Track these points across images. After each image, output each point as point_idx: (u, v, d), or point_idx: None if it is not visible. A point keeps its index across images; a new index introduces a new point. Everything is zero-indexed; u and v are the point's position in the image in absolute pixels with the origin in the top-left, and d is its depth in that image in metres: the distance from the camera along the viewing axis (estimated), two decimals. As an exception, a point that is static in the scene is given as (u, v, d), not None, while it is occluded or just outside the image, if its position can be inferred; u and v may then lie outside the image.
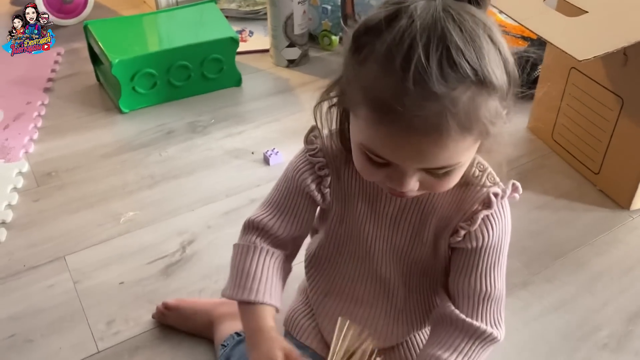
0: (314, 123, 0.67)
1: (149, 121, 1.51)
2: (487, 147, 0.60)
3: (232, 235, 0.75)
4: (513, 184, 0.66)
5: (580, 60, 0.98)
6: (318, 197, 0.70)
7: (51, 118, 1.52)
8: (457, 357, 0.67)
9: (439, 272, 0.73)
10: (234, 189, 1.28)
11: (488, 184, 0.66)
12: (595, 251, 1.15)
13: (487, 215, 0.65)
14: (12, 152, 1.38)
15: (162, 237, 1.16)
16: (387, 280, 0.75)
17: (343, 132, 0.66)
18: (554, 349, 0.96)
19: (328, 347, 0.79)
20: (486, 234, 0.66)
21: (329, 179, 0.69)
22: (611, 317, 1.02)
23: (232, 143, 1.44)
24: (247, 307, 0.69)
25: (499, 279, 0.69)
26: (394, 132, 0.52)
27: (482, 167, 0.66)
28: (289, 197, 0.72)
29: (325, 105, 0.64)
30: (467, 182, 0.66)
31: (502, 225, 0.67)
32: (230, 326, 0.88)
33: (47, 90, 1.63)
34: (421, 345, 0.81)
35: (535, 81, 1.41)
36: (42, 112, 1.53)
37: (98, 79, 1.66)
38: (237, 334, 0.86)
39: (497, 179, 0.67)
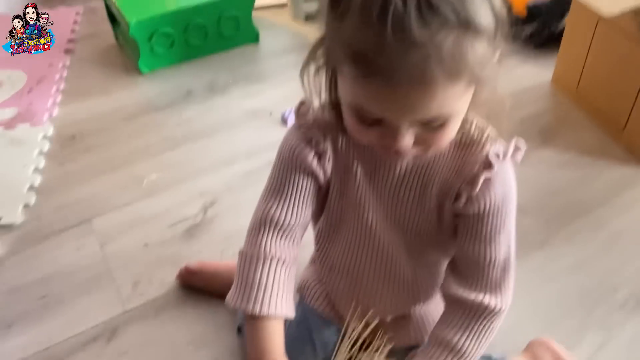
0: (303, 94, 0.63)
1: (168, 82, 1.52)
2: (482, 99, 0.57)
3: (253, 197, 0.70)
4: (515, 144, 0.63)
5: (606, 16, 0.95)
6: (320, 173, 0.67)
7: (73, 80, 1.54)
8: (466, 335, 0.67)
9: (444, 244, 0.72)
10: (253, 150, 1.29)
11: (488, 144, 0.63)
12: (617, 210, 1.13)
13: (489, 177, 0.63)
14: (37, 116, 1.40)
15: (184, 199, 1.18)
16: (390, 253, 0.73)
17: (333, 96, 0.62)
18: (571, 309, 0.97)
19: (339, 315, 0.81)
20: (488, 197, 0.64)
21: (328, 152, 0.66)
22: (630, 277, 1.01)
23: (251, 103, 1.44)
24: (255, 321, 0.65)
25: (504, 245, 0.67)
26: (379, 85, 0.50)
27: (480, 128, 0.64)
28: (290, 180, 0.67)
29: (313, 67, 0.60)
30: (466, 144, 0.64)
31: (506, 187, 0.64)
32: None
33: (68, 51, 1.64)
34: (426, 316, 0.82)
35: (560, 33, 1.37)
36: (64, 74, 1.55)
37: (117, 39, 1.66)
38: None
39: (497, 139, 0.63)
